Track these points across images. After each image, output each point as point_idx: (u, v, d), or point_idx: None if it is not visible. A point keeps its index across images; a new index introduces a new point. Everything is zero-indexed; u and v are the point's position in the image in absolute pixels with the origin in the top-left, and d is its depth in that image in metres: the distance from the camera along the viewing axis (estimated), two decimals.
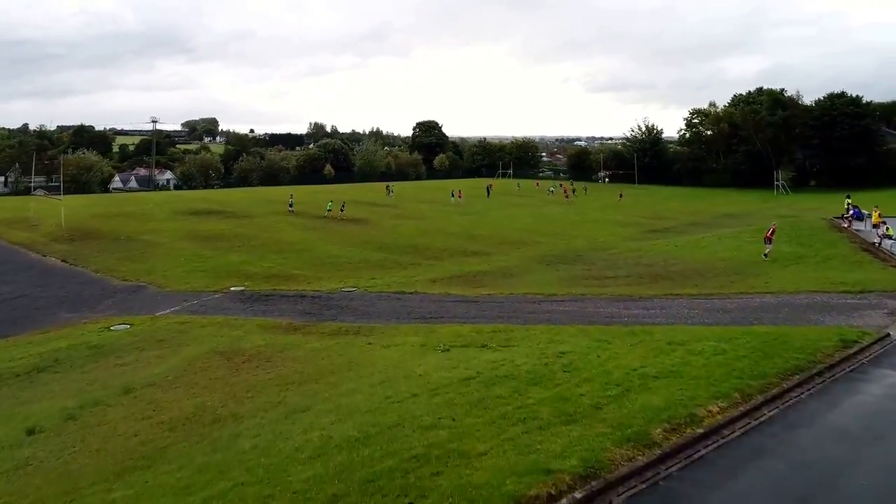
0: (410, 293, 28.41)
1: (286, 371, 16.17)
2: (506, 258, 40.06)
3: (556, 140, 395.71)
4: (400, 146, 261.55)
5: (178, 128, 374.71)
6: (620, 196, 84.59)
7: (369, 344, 18.56)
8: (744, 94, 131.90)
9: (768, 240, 32.76)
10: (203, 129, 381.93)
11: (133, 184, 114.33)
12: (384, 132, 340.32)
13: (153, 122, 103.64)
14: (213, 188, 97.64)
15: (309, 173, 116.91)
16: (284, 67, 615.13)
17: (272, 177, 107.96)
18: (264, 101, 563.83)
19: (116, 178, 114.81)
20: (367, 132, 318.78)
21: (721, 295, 22.70)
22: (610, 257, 39.09)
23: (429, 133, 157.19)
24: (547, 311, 22.57)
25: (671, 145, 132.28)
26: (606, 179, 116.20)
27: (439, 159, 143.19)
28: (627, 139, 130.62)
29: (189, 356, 19.06)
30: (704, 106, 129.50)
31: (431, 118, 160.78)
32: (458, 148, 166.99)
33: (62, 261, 36.21)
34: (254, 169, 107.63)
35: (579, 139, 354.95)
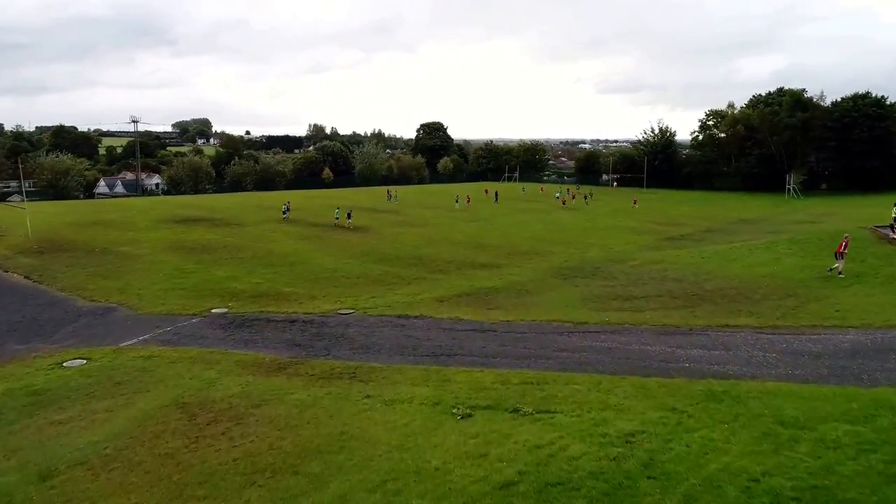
0: (415, 317, 24.75)
1: (258, 444, 12.39)
2: (518, 271, 36.34)
3: (561, 143, 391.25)
4: (402, 149, 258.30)
5: (169, 129, 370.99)
6: (634, 203, 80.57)
7: (367, 398, 14.80)
8: (763, 94, 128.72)
9: (840, 255, 28.86)
10: (195, 130, 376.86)
11: (120, 188, 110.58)
12: (386, 134, 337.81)
13: (134, 121, 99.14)
14: (203, 193, 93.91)
15: (306, 177, 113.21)
16: (282, 63, 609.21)
17: (267, 181, 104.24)
18: (261, 101, 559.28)
19: (102, 182, 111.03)
20: (369, 134, 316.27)
21: (791, 328, 18.99)
22: (632, 270, 35.39)
23: (433, 135, 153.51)
24: (582, 347, 18.83)
25: (682, 148, 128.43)
26: (614, 183, 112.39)
27: (443, 162, 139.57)
28: (639, 141, 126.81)
29: (144, 411, 15.33)
30: (716, 107, 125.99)
31: (436, 119, 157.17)
32: (462, 151, 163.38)
33: (25, 277, 32.44)
34: (247, 173, 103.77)
35: (584, 142, 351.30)
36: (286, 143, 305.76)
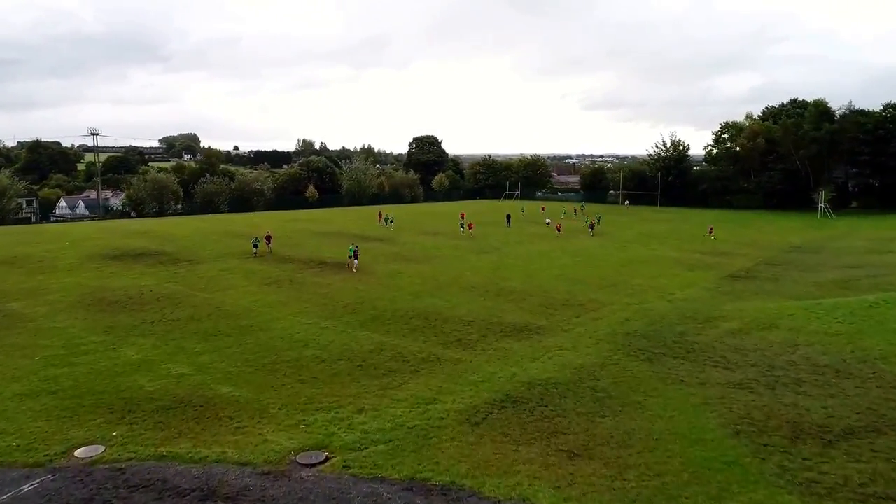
0: (436, 487, 13.29)
1: None
2: (569, 340, 24.96)
3: (549, 158, 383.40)
4: (392, 164, 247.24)
5: (156, 144, 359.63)
6: (711, 232, 64.52)
7: None
8: (776, 106, 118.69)
9: None
10: (182, 145, 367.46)
11: (82, 209, 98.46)
12: (376, 149, 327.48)
13: (93, 134, 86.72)
14: (168, 215, 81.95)
15: (289, 196, 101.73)
16: (273, 79, 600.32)
17: (244, 201, 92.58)
18: (251, 117, 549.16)
19: (62, 202, 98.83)
20: (358, 149, 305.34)
21: None
22: (743, 343, 24.10)
23: (427, 149, 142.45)
24: None
25: (693, 163, 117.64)
26: (626, 202, 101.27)
27: (438, 179, 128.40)
28: (651, 156, 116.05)
29: None
30: (696, 123, 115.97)
31: (427, 133, 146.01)
32: (458, 166, 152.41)
33: None
34: (220, 192, 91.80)
35: (570, 157, 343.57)
36: (274, 159, 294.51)
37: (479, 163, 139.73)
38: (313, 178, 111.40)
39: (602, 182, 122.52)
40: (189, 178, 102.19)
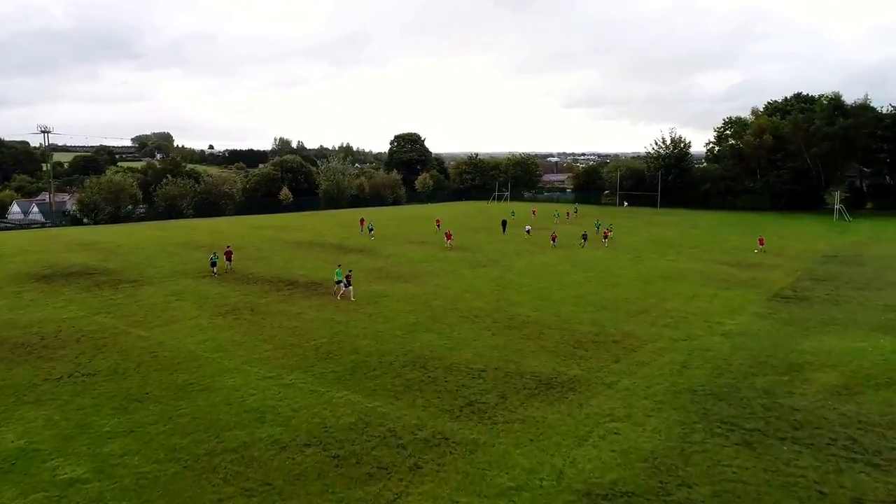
0: None
1: None
2: (621, 405, 18.93)
3: (531, 156, 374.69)
4: (372, 163, 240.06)
5: (128, 143, 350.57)
6: (761, 244, 55.81)
7: None
8: (780, 101, 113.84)
9: None
10: (154, 145, 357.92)
11: (36, 214, 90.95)
12: (355, 148, 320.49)
13: (44, 132, 78.26)
14: (125, 221, 74.51)
15: (261, 199, 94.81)
16: (250, 77, 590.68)
17: (211, 205, 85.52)
18: (228, 115, 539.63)
19: (15, 206, 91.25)
20: (337, 148, 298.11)
21: None
22: (871, 417, 18.12)
23: (409, 147, 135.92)
24: None
25: (693, 162, 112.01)
26: (625, 203, 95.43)
27: (422, 179, 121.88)
28: (650, 154, 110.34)
29: None
30: (677, 121, 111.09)
31: (410, 131, 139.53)
32: (442, 165, 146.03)
33: None
34: (184, 195, 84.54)
35: (552, 155, 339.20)
36: (250, 158, 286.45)
37: (465, 162, 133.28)
38: (287, 178, 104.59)
39: (596, 182, 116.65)
40: (152, 180, 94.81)
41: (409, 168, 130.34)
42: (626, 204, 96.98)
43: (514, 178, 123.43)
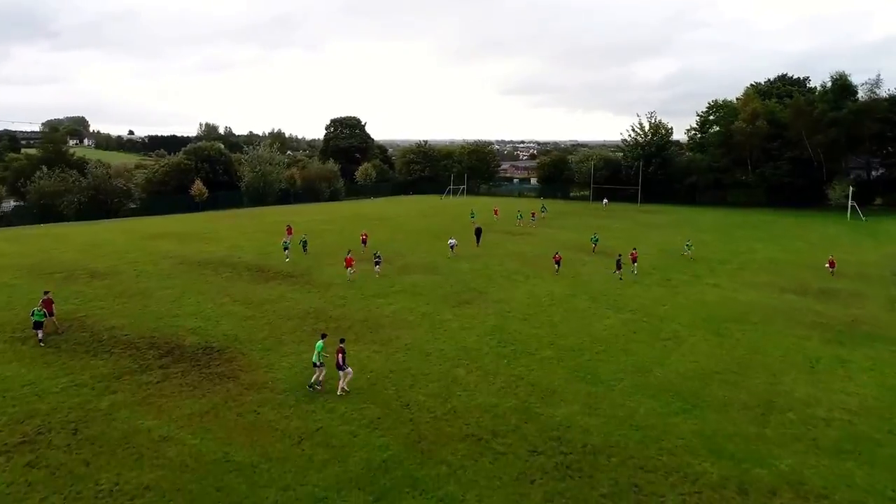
0: None
1: None
2: None
3: (470, 144, 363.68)
4: (305, 150, 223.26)
5: (38, 128, 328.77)
6: (832, 267, 41.00)
7: None
8: (762, 82, 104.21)
9: None
10: (65, 130, 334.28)
11: None
12: (287, 134, 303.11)
13: None
14: None
15: (170, 195, 79.15)
16: (175, 59, 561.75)
17: (101, 204, 69.66)
18: (151, 99, 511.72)
19: None
20: (268, 134, 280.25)
21: None
22: None
23: (348, 133, 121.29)
24: None
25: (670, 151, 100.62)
26: (606, 201, 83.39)
27: (363, 169, 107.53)
28: (626, 142, 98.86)
29: None
30: (613, 109, 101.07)
31: (349, 115, 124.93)
32: (386, 154, 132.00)
33: None
34: (67, 191, 68.22)
35: (490, 143, 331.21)
36: (172, 145, 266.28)
37: (413, 150, 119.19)
38: (203, 169, 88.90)
39: (564, 173, 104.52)
40: (30, 171, 77.81)
41: (348, 157, 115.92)
42: (605, 201, 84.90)
43: (470, 168, 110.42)
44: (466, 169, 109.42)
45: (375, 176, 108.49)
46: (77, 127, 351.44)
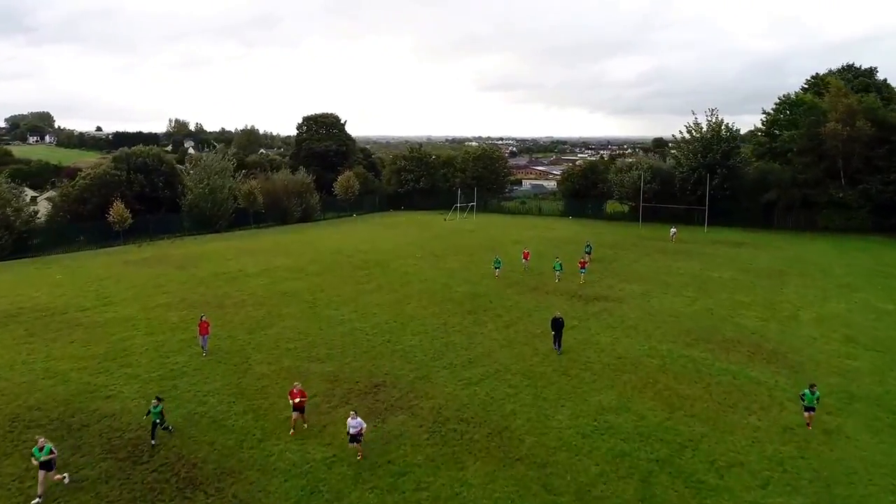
0: None
1: None
2: None
3: (447, 140, 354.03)
4: (280, 148, 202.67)
5: (2, 124, 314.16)
6: None
7: None
8: (822, 73, 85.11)
9: None
10: (27, 126, 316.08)
11: None
12: (261, 131, 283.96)
13: None
14: None
15: (85, 220, 58.90)
16: (153, 55, 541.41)
17: None
18: (126, 96, 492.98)
19: None
20: (240, 130, 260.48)
21: None
22: None
23: (324, 133, 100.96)
24: None
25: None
26: (674, 231, 63.19)
27: (343, 180, 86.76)
28: (684, 141, 78.69)
29: None
30: (588, 105, 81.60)
31: (326, 112, 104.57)
32: (370, 159, 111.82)
33: None
34: None
35: (468, 139, 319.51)
36: (139, 142, 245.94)
37: (404, 155, 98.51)
38: (137, 182, 68.82)
39: (597, 186, 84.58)
40: None
41: (325, 162, 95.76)
42: (674, 232, 64.34)
43: (476, 178, 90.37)
44: (471, 179, 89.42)
45: (358, 187, 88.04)
46: (40, 123, 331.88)
